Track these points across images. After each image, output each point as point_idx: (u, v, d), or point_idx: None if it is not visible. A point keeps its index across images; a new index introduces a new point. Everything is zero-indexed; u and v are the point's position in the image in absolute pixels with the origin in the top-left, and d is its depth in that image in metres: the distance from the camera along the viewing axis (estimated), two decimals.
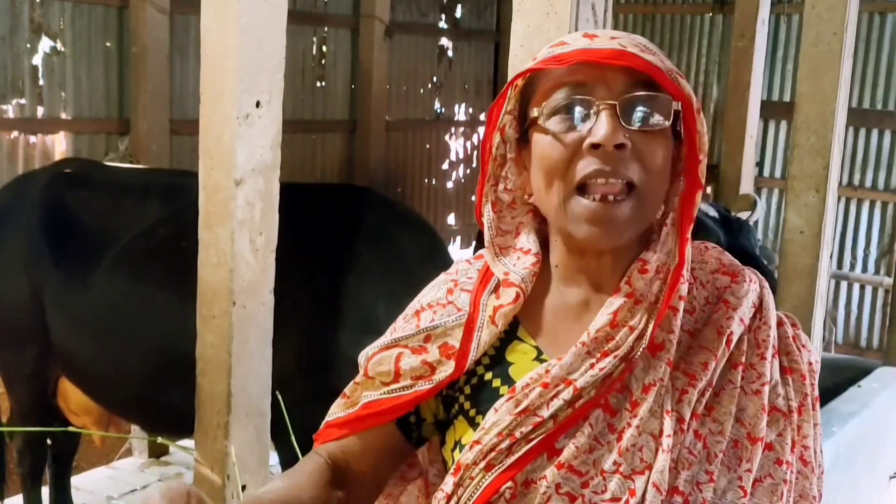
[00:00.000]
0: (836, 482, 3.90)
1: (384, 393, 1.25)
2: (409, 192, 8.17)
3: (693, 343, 1.17)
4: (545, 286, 1.23)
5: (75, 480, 4.67)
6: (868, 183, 7.63)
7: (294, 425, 2.63)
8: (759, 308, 1.22)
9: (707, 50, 8.20)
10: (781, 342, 1.22)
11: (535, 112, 1.15)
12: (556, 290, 1.23)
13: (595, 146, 1.10)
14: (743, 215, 5.21)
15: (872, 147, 7.58)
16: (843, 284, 7.78)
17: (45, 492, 4.25)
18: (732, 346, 1.17)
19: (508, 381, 1.20)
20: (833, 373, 4.87)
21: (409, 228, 3.64)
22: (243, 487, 2.48)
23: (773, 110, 7.74)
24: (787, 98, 7.71)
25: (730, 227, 4.65)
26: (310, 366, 3.31)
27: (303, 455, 2.64)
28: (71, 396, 3.89)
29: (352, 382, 1.30)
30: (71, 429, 3.00)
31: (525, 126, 1.19)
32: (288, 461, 3.25)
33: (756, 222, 4.99)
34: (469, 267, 1.31)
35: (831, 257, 6.11)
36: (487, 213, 1.24)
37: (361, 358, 1.29)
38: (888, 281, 7.09)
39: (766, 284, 1.25)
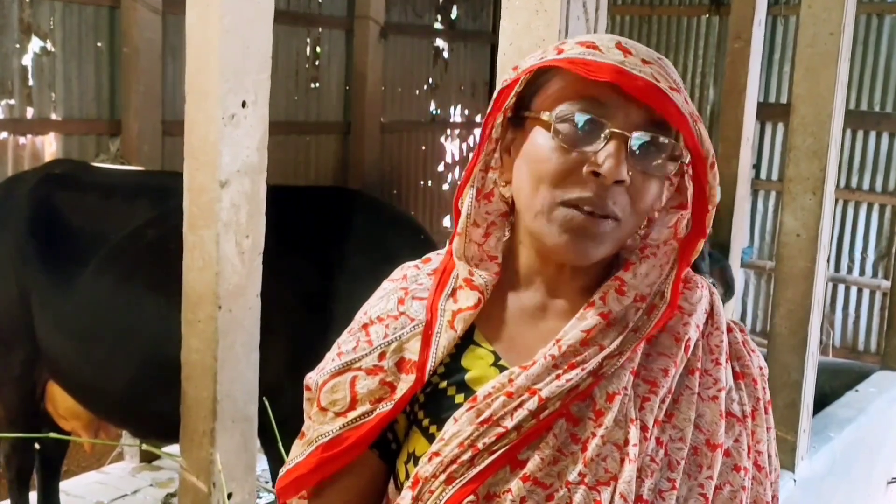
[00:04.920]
0: (832, 487, 3.86)
1: (343, 426, 1.17)
2: (404, 195, 8.14)
3: (651, 350, 1.15)
4: (502, 290, 1.20)
5: (65, 485, 4.63)
6: (866, 185, 7.61)
7: (283, 432, 2.59)
8: (711, 314, 1.20)
9: (703, 52, 8.17)
10: (732, 348, 1.21)
11: (544, 115, 1.10)
12: (512, 294, 1.20)
13: (595, 174, 1.07)
14: None
15: (870, 149, 7.56)
16: (841, 287, 7.76)
17: (34, 497, 4.21)
18: (690, 351, 1.16)
19: (464, 390, 1.15)
20: (830, 377, 4.84)
21: (401, 230, 3.61)
22: (229, 495, 2.44)
23: (770, 112, 7.72)
24: (783, 100, 7.69)
25: None
26: (300, 370, 3.26)
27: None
28: (59, 401, 3.85)
29: (306, 417, 1.23)
30: (53, 435, 2.94)
31: (522, 113, 1.14)
32: (277, 468, 3.21)
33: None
34: (418, 273, 1.27)
35: (828, 260, 6.08)
36: (470, 199, 1.20)
37: (310, 385, 1.23)
38: (886, 284, 7.06)
39: (715, 291, 1.24)
